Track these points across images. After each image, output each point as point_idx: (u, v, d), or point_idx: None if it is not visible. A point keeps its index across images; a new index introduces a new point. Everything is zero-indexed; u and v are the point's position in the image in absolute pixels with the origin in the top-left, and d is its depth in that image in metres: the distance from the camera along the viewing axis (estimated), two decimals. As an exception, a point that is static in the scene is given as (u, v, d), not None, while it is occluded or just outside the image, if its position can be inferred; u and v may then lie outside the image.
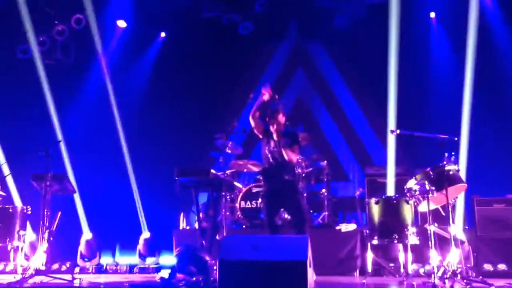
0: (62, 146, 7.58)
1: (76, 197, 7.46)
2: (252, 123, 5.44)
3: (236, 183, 6.91)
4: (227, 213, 6.97)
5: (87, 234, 7.11)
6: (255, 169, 7.59)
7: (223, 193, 6.30)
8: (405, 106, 7.53)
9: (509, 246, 5.71)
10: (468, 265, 5.27)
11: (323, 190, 6.96)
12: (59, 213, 5.70)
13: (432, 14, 8.14)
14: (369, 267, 5.48)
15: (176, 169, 5.33)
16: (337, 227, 6.50)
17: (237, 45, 8.67)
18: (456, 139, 5.27)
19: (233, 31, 8.58)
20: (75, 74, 8.29)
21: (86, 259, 6.71)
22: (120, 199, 7.75)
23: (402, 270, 5.21)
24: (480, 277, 5.00)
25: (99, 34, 8.17)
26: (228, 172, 7.23)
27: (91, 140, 7.96)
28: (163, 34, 8.85)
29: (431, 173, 5.21)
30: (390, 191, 6.89)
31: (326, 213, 6.86)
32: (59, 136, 7.66)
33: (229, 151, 7.31)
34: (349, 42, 8.44)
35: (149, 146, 8.11)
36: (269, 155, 5.27)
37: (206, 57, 8.55)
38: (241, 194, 6.83)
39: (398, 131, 5.76)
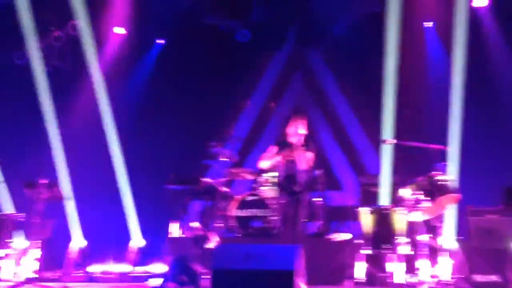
0: (57, 152, 7.58)
1: (68, 204, 7.44)
2: None
3: (230, 192, 6.90)
4: (221, 222, 6.97)
5: (79, 242, 7.10)
6: (250, 177, 7.59)
7: (217, 202, 6.29)
8: (401, 115, 7.55)
9: (501, 257, 5.69)
10: (460, 276, 5.26)
11: (319, 199, 6.94)
12: (53, 221, 5.70)
13: (428, 24, 8.18)
14: (362, 277, 5.46)
15: (169, 177, 5.35)
16: (331, 237, 6.49)
17: (234, 53, 8.70)
18: (448, 148, 5.28)
19: (231, 38, 8.63)
20: (71, 81, 8.30)
21: (77, 267, 6.69)
22: (113, 207, 7.74)
23: (394, 280, 5.19)
24: (472, 288, 4.99)
25: (96, 41, 8.20)
26: (222, 180, 7.23)
27: (86, 147, 7.95)
28: (161, 41, 8.88)
29: (424, 182, 5.23)
30: (384, 200, 6.90)
31: (321, 222, 6.84)
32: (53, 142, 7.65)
33: (225, 159, 7.31)
34: (346, 50, 8.48)
35: (145, 154, 8.09)
36: None
37: (204, 64, 8.57)
38: (235, 202, 6.81)
39: (389, 141, 5.78)
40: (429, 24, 8.19)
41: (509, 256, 5.69)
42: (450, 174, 5.47)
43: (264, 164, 5.90)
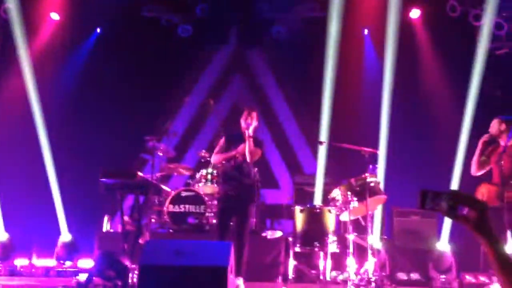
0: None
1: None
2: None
3: (164, 187, 6.82)
4: (154, 217, 6.88)
5: (1, 234, 6.77)
6: (186, 173, 7.55)
7: (151, 196, 6.20)
8: (338, 118, 7.77)
9: (422, 256, 6.02)
10: (384, 274, 5.50)
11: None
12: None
13: (366, 31, 8.48)
14: (291, 274, 5.58)
15: (101, 170, 5.20)
16: (263, 234, 6.58)
17: (175, 47, 8.59)
18: (378, 152, 5.50)
19: (172, 33, 8.52)
20: (0, 67, 7.88)
21: (-1, 261, 6.38)
22: (39, 200, 7.41)
23: (321, 277, 5.34)
24: (394, 285, 5.23)
25: (30, 26, 7.83)
26: (158, 175, 7.14)
27: (13, 136, 7.57)
28: (98, 30, 8.61)
29: (354, 184, 5.42)
30: (318, 200, 7.09)
31: (254, 219, 6.92)
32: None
33: (161, 154, 7.23)
34: (287, 52, 8.61)
35: (77, 146, 7.80)
36: None
37: (142, 57, 8.38)
38: (169, 197, 6.75)
39: (325, 142, 5.94)
40: (365, 30, 8.48)
41: (430, 256, 6.04)
42: (380, 176, 5.70)
43: (217, 159, 5.67)
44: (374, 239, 5.77)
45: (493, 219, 1.86)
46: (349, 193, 5.37)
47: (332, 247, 5.33)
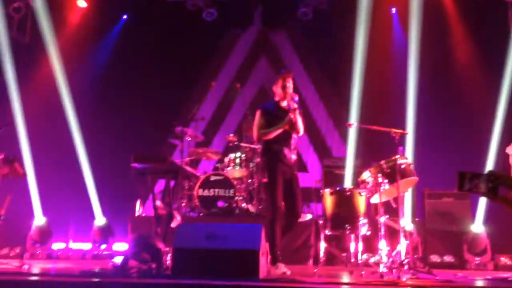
0: (18, 127, 7.36)
1: (29, 181, 7.26)
2: None
3: (193, 171, 6.88)
4: (185, 201, 6.97)
5: (39, 219, 6.96)
6: (215, 157, 7.59)
7: (181, 181, 6.27)
8: (367, 100, 7.67)
9: (455, 239, 5.94)
10: (416, 256, 5.45)
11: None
12: (9, 196, 5.53)
13: (393, 9, 8.30)
14: (322, 257, 5.58)
15: (132, 155, 5.26)
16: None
17: (200, 32, 8.59)
18: (407, 133, 5.40)
19: (197, 17, 8.51)
20: (30, 54, 8.01)
21: (37, 245, 6.57)
22: (75, 185, 7.58)
23: (353, 259, 5.33)
24: (427, 268, 5.18)
25: (58, 13, 7.93)
26: (187, 159, 7.21)
27: (46, 123, 7.73)
28: (124, 16, 8.66)
29: (384, 166, 5.34)
30: (348, 183, 7.04)
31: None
32: (14, 117, 7.43)
33: (189, 139, 7.28)
34: (313, 33, 8.52)
35: (108, 131, 7.93)
36: None
37: (169, 42, 8.43)
38: (199, 182, 6.81)
39: (353, 124, 5.87)
40: (393, 9, 8.30)
41: (464, 238, 5.95)
42: (409, 158, 5.62)
43: (262, 135, 5.03)
44: (406, 222, 5.71)
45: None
46: (379, 175, 5.30)
47: (363, 229, 5.29)
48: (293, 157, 5.11)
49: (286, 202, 5.08)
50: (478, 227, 6.14)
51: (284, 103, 5.17)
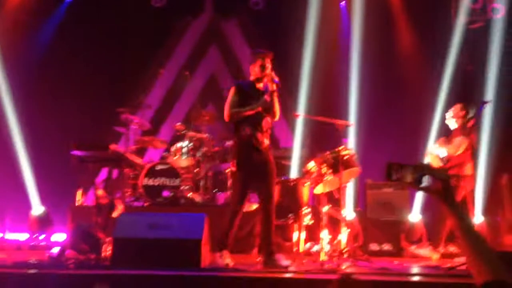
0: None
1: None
2: None
3: (138, 160, 6.76)
4: (129, 190, 6.84)
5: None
6: (162, 146, 7.48)
7: (124, 170, 6.14)
8: (315, 90, 7.76)
9: (394, 228, 6.14)
10: (356, 245, 5.60)
11: (228, 170, 7.01)
12: None
13: (343, 2, 8.42)
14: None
15: (73, 142, 5.11)
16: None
17: (149, 18, 8.39)
18: (351, 124, 5.51)
19: (145, 2, 8.31)
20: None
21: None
22: (11, 171, 7.27)
23: (295, 248, 5.41)
24: (366, 256, 5.33)
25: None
26: (132, 148, 7.07)
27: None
28: (69, -1, 8.34)
29: (328, 157, 5.44)
30: (294, 173, 7.12)
31: (230, 192, 6.92)
32: None
33: (136, 127, 7.14)
34: (264, 23, 8.49)
35: (46, 117, 7.58)
36: None
37: (116, 28, 8.17)
38: (144, 171, 6.70)
39: (300, 115, 5.94)
40: (343, 2, 8.42)
41: (402, 227, 6.16)
42: (353, 149, 5.74)
43: (233, 115, 4.71)
44: (348, 211, 5.85)
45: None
46: (323, 165, 5.39)
47: (306, 219, 5.38)
48: (266, 141, 4.86)
49: (258, 188, 4.90)
50: (415, 216, 6.38)
51: (260, 85, 4.96)
